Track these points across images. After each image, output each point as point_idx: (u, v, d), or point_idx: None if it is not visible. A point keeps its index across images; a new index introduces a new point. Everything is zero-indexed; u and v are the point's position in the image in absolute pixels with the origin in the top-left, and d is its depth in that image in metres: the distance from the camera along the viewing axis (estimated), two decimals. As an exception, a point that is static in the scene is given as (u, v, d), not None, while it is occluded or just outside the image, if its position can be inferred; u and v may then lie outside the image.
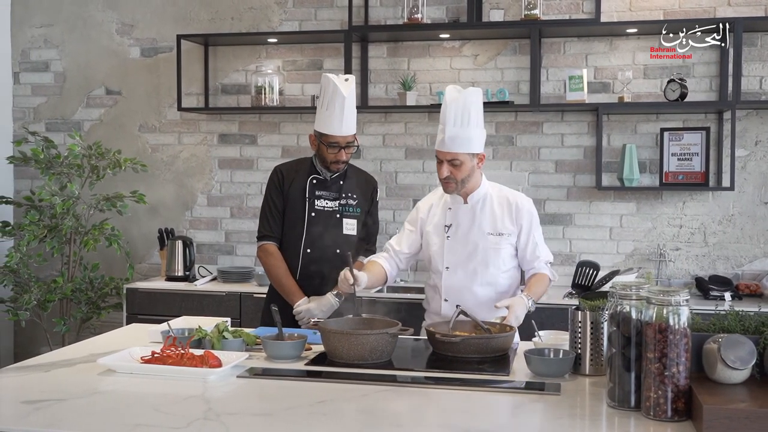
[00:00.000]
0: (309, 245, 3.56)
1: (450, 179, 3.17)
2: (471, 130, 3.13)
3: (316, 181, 3.59)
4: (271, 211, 3.61)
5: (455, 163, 3.14)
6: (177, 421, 2.04)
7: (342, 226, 3.60)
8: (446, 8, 5.12)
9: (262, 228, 3.63)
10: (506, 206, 3.24)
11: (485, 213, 3.24)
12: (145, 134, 5.63)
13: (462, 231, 3.26)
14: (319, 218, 3.57)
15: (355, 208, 3.64)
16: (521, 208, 3.23)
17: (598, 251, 4.98)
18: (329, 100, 3.45)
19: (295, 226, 3.57)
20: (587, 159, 5.00)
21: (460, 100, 3.13)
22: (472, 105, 3.14)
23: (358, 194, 3.65)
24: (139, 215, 5.59)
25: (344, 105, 3.45)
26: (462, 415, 2.15)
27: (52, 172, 5.04)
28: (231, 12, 5.45)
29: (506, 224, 3.22)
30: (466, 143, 3.14)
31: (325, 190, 3.60)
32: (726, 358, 2.08)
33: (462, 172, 3.16)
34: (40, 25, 5.74)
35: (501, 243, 3.21)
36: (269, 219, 3.61)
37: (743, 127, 4.80)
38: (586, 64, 4.97)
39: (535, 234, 3.24)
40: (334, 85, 3.44)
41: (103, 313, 5.21)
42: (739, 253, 4.85)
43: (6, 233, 5.10)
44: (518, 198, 3.27)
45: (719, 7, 4.81)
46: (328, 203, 3.59)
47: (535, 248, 3.22)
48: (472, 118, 3.13)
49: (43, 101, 5.77)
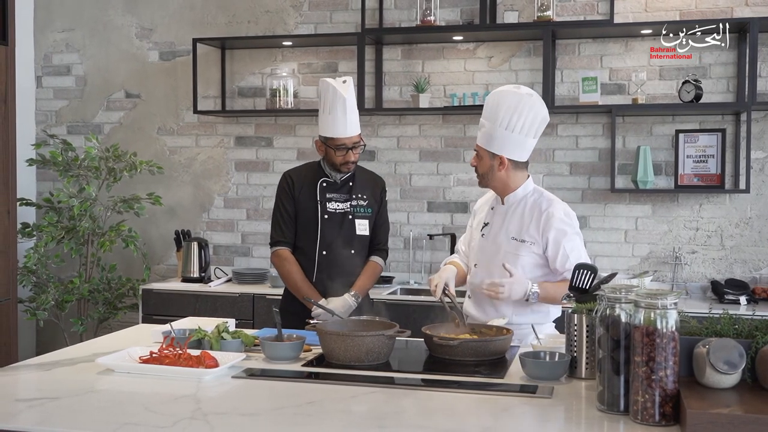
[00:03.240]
0: (324, 248, 3.58)
1: (476, 171, 3.20)
2: (496, 128, 3.06)
3: (326, 184, 3.62)
4: (283, 217, 3.63)
5: (478, 155, 3.17)
6: (164, 420, 2.07)
7: (355, 227, 3.63)
8: (460, 10, 5.11)
9: (275, 234, 3.65)
10: (536, 214, 3.13)
11: (515, 217, 3.18)
12: (163, 137, 5.69)
13: (493, 231, 3.22)
14: (332, 220, 3.59)
15: (366, 209, 3.66)
16: (550, 218, 3.09)
17: (613, 254, 4.94)
18: (331, 104, 3.49)
19: (308, 230, 3.60)
20: (602, 161, 4.96)
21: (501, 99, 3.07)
22: (510, 106, 3.04)
23: (367, 194, 3.68)
24: (157, 217, 5.66)
25: (346, 106, 3.48)
26: (448, 416, 2.15)
27: (70, 174, 5.12)
28: (247, 16, 5.49)
29: (531, 232, 3.12)
30: (486, 138, 3.11)
31: (335, 193, 3.62)
32: (714, 363, 2.06)
33: (480, 166, 3.16)
34: (62, 30, 5.84)
35: (521, 250, 3.12)
36: (282, 224, 3.63)
37: (760, 128, 4.74)
38: (600, 66, 4.94)
39: (566, 245, 3.07)
40: (333, 88, 3.48)
41: (119, 314, 5.28)
42: (757, 257, 4.78)
43: (25, 234, 5.19)
44: (552, 208, 3.12)
45: (736, 7, 4.75)
46: (339, 205, 3.61)
47: (566, 260, 3.05)
48: (504, 118, 3.04)
49: (64, 104, 5.86)
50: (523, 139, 3.09)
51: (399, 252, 5.28)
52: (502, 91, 3.13)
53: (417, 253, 5.24)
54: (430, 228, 5.23)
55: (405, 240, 5.27)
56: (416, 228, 5.25)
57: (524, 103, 3.05)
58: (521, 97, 3.06)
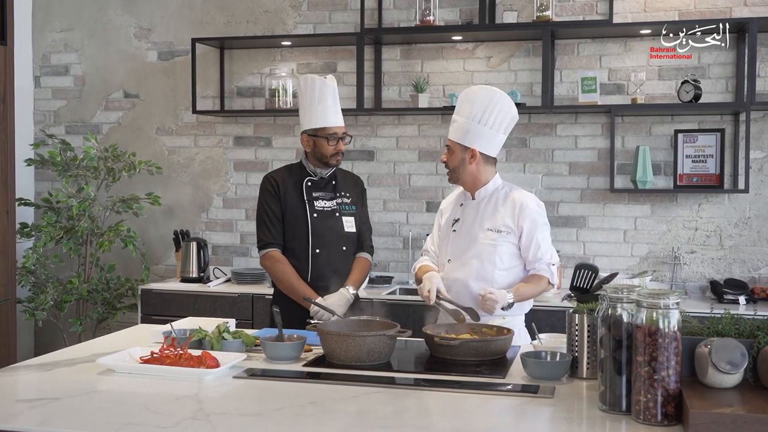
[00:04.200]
0: (317, 246, 3.58)
1: (446, 165, 3.28)
2: (468, 122, 3.19)
3: (311, 183, 3.63)
4: (270, 219, 3.60)
5: (449, 150, 3.25)
6: (166, 420, 2.06)
7: (342, 224, 3.64)
8: (459, 10, 5.11)
9: (264, 236, 3.61)
10: (510, 205, 3.23)
11: (488, 209, 3.26)
12: (162, 137, 5.69)
13: (466, 225, 3.30)
14: (322, 218, 3.59)
15: (350, 206, 3.69)
16: (525, 208, 3.21)
17: (612, 254, 4.95)
18: (319, 95, 3.54)
19: (298, 230, 3.59)
20: (601, 161, 4.96)
21: (473, 94, 3.21)
22: (483, 102, 3.18)
23: (350, 193, 3.72)
24: (156, 217, 5.66)
25: (336, 96, 3.57)
26: (450, 417, 2.14)
27: (69, 174, 5.11)
28: (246, 15, 5.49)
29: (507, 222, 3.21)
30: (459, 132, 3.22)
31: (321, 191, 3.64)
32: (716, 362, 2.06)
33: (451, 160, 3.24)
34: (61, 30, 5.83)
35: (498, 240, 3.20)
36: (269, 226, 3.60)
37: (759, 128, 4.74)
38: (599, 66, 4.94)
39: (538, 236, 3.20)
40: (321, 79, 3.56)
41: (118, 314, 5.27)
42: (756, 257, 4.79)
43: (24, 234, 5.18)
44: (525, 198, 3.25)
45: (735, 7, 4.75)
46: (326, 203, 3.63)
47: (538, 250, 3.19)
48: (476, 113, 3.17)
49: (63, 104, 5.86)
50: (494, 134, 3.22)
51: (398, 252, 5.28)
52: (474, 88, 3.30)
53: (416, 253, 5.23)
54: (428, 228, 5.20)
55: (404, 240, 5.26)
56: (415, 228, 5.25)
57: (496, 99, 3.20)
58: (494, 93, 3.21)
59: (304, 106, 3.61)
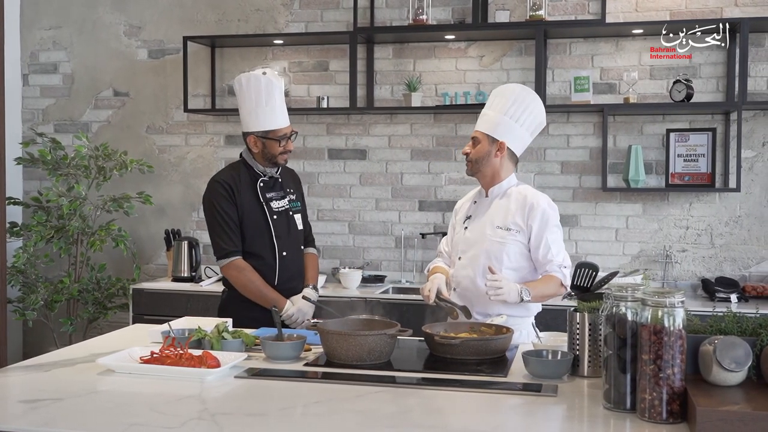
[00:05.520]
0: (282, 248, 3.50)
1: (468, 158, 3.25)
2: (501, 116, 3.19)
3: (263, 183, 3.52)
4: (228, 225, 3.42)
5: (475, 141, 3.23)
6: (171, 420, 2.05)
7: (296, 222, 3.60)
8: (452, 9, 5.12)
9: (224, 244, 3.43)
10: (522, 203, 3.20)
11: (500, 206, 3.24)
12: (152, 135, 5.65)
13: (477, 222, 3.28)
14: (280, 220, 3.53)
15: (296, 203, 3.65)
16: (535, 207, 3.16)
17: (603, 253, 4.97)
18: (266, 95, 3.41)
19: (261, 234, 3.48)
20: (593, 160, 4.98)
21: (509, 90, 3.23)
22: (518, 98, 3.20)
23: (293, 188, 3.67)
24: (146, 216, 5.62)
25: (282, 94, 3.46)
26: (455, 416, 2.15)
27: (59, 173, 5.07)
28: (237, 14, 5.47)
29: (516, 220, 3.18)
30: (490, 124, 3.21)
31: (272, 191, 3.55)
32: (721, 360, 2.07)
33: (477, 152, 3.22)
34: (49, 27, 5.78)
35: (507, 238, 3.17)
36: (229, 233, 3.43)
37: (750, 128, 4.78)
38: (591, 65, 4.96)
39: (548, 237, 3.14)
40: (266, 79, 3.41)
41: (109, 314, 5.24)
42: (746, 255, 4.83)
43: (14, 234, 5.14)
44: (537, 198, 3.21)
45: (726, 7, 4.78)
46: (279, 203, 3.55)
47: (548, 251, 3.13)
48: (510, 108, 3.18)
49: (51, 103, 5.81)
50: (524, 133, 3.23)
51: (390, 251, 5.28)
52: (510, 85, 3.31)
53: (408, 252, 5.24)
54: (421, 227, 5.23)
55: (396, 239, 5.26)
56: (407, 227, 5.25)
57: (531, 99, 3.22)
58: (529, 93, 3.23)
59: (249, 107, 3.44)
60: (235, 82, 3.50)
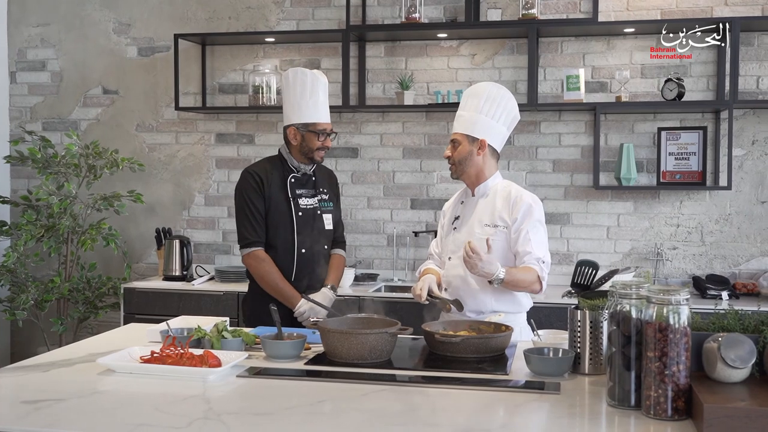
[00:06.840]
0: (302, 245, 3.53)
1: (450, 160, 3.27)
2: (477, 115, 3.21)
3: (295, 179, 3.56)
4: (254, 216, 3.49)
5: (455, 144, 3.25)
6: (178, 420, 2.04)
7: (323, 222, 3.61)
8: (444, 8, 5.12)
9: (248, 234, 3.49)
10: (507, 200, 3.22)
11: (487, 204, 3.26)
12: (142, 134, 5.62)
13: (465, 222, 3.29)
14: (306, 217, 3.54)
15: (328, 203, 3.66)
16: (519, 201, 3.18)
17: (595, 250, 4.99)
18: (311, 89, 3.47)
19: (284, 229, 3.51)
20: (585, 158, 5.00)
21: (481, 89, 3.25)
22: (490, 95, 3.23)
23: (327, 188, 3.68)
24: (136, 215, 5.59)
25: (326, 92, 3.52)
26: (462, 414, 2.15)
27: (50, 171, 5.02)
28: (228, 11, 5.44)
29: (503, 216, 3.20)
30: (467, 125, 3.23)
31: (303, 188, 3.57)
32: (726, 357, 2.08)
33: (459, 153, 3.24)
34: (37, 25, 5.73)
35: (496, 235, 3.17)
36: (254, 224, 3.49)
37: (740, 126, 4.81)
38: (583, 64, 4.98)
39: (529, 229, 3.14)
40: (312, 74, 3.49)
41: (100, 313, 5.20)
42: (736, 252, 4.86)
43: (3, 233, 5.09)
44: (522, 194, 3.23)
45: (716, 6, 4.81)
46: (308, 201, 3.57)
47: (527, 243, 3.13)
48: (484, 107, 3.21)
49: (39, 100, 5.76)
50: (501, 128, 3.27)
51: (383, 249, 5.28)
52: (480, 84, 3.34)
53: (401, 251, 5.24)
54: (413, 225, 5.23)
55: (388, 237, 5.26)
56: (399, 225, 5.25)
57: (502, 94, 3.26)
58: (499, 89, 3.27)
59: (294, 99, 3.50)
60: (283, 76, 3.56)
